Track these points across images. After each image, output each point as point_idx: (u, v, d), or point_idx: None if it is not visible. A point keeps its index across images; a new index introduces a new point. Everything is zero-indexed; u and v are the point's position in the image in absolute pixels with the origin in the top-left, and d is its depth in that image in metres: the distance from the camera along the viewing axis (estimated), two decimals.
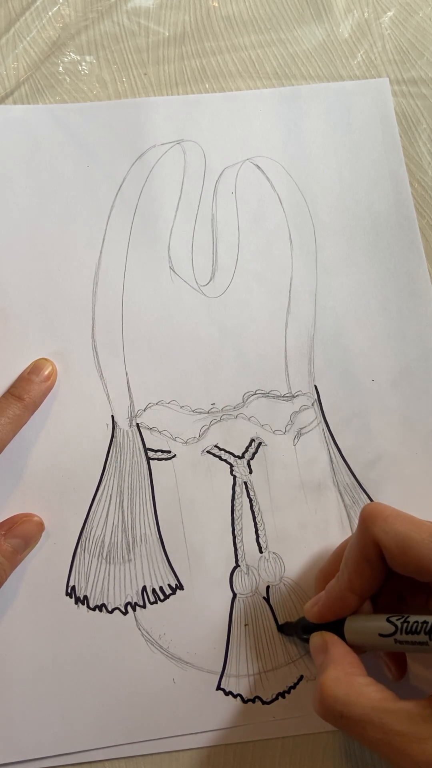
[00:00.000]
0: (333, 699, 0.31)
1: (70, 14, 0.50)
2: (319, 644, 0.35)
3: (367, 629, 0.34)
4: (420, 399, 0.44)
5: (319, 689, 0.32)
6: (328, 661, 0.34)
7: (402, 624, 0.33)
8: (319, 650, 0.35)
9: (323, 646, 0.35)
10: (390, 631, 0.33)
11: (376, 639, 0.34)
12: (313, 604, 0.37)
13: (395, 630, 0.33)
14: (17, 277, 0.44)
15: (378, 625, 0.34)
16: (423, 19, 0.51)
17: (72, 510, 0.41)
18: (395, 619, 0.33)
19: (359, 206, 0.46)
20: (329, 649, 0.34)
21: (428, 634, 0.32)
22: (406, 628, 0.33)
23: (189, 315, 0.44)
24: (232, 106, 0.48)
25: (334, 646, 0.35)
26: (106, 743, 0.38)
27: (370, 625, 0.34)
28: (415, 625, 0.32)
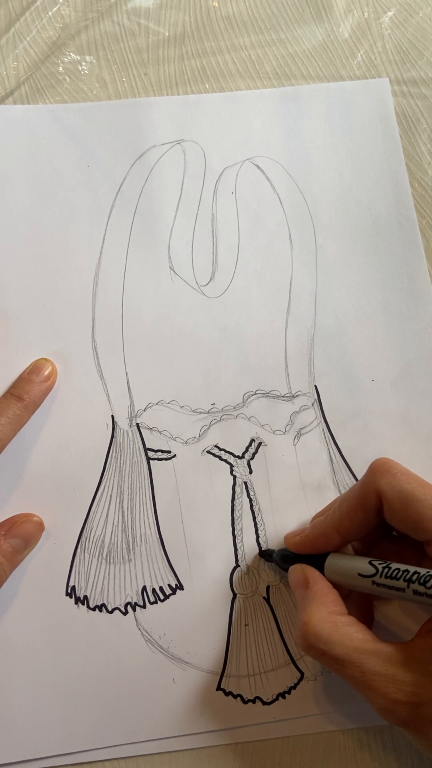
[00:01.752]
0: (316, 637, 0.33)
1: (70, 14, 0.50)
2: (300, 578, 0.37)
3: (347, 568, 0.36)
4: (420, 399, 0.44)
5: (303, 626, 0.34)
6: (311, 597, 0.35)
7: (384, 568, 0.34)
8: (299, 584, 0.37)
9: (304, 580, 0.36)
10: (370, 572, 0.35)
11: (355, 578, 0.35)
12: (295, 534, 0.39)
13: (375, 572, 0.35)
14: (17, 277, 0.44)
15: (360, 565, 0.35)
16: (423, 19, 0.51)
17: (72, 510, 0.41)
18: (377, 563, 0.35)
19: (359, 206, 0.46)
20: (312, 585, 0.36)
21: (407, 581, 0.33)
22: (387, 573, 0.34)
23: (189, 315, 0.44)
24: (232, 106, 0.48)
25: (316, 582, 0.36)
26: (106, 743, 0.38)
27: (352, 564, 0.36)
28: (395, 572, 0.34)
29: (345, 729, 0.39)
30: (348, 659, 0.32)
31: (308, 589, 0.36)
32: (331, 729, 0.39)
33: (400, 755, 0.38)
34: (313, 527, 0.38)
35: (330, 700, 0.39)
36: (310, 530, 0.38)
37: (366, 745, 0.38)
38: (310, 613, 0.34)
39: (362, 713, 0.39)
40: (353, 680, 0.32)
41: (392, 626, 0.40)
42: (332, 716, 0.39)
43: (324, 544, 0.37)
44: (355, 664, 0.32)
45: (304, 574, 0.37)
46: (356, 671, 0.32)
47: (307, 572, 0.37)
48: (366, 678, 0.32)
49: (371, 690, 0.32)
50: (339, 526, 0.37)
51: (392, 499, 0.35)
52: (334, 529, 0.37)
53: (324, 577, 0.36)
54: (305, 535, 0.38)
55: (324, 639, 0.33)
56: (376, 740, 0.39)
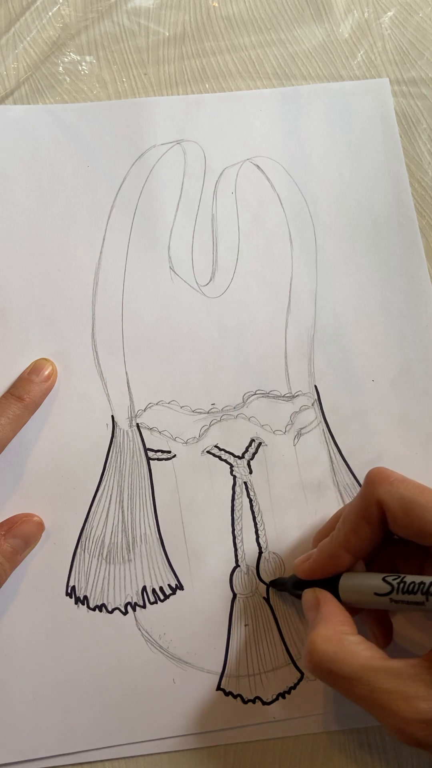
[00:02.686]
0: (321, 656, 0.32)
1: (70, 14, 0.50)
2: (311, 601, 0.36)
3: (362, 587, 0.35)
4: (420, 399, 0.44)
5: (308, 645, 0.33)
6: (319, 618, 0.34)
7: (398, 584, 0.34)
8: (311, 606, 0.36)
9: (315, 603, 0.35)
10: (386, 590, 0.34)
11: (372, 597, 0.34)
12: (303, 561, 0.37)
13: (391, 589, 0.34)
14: (17, 277, 0.44)
15: (374, 583, 0.34)
16: (423, 19, 0.51)
17: (72, 510, 0.41)
18: (391, 579, 0.34)
19: (359, 206, 0.46)
20: (321, 607, 0.35)
21: (425, 594, 0.32)
22: (403, 588, 0.33)
23: (189, 315, 0.44)
24: (232, 106, 0.48)
25: (326, 603, 0.35)
26: (106, 743, 0.38)
27: (366, 584, 0.35)
28: (411, 586, 0.33)
29: (345, 729, 0.39)
30: (355, 677, 0.31)
31: (317, 610, 0.35)
32: (331, 729, 0.39)
33: (401, 755, 0.38)
34: (321, 551, 0.37)
35: (330, 700, 0.39)
36: (317, 554, 0.37)
37: (366, 745, 0.38)
38: (316, 632, 0.33)
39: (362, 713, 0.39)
40: (362, 700, 0.31)
41: (405, 643, 0.39)
42: (332, 716, 0.39)
43: (334, 565, 0.36)
44: (363, 682, 0.31)
45: (316, 596, 0.36)
46: (364, 689, 0.30)
47: (319, 595, 0.36)
48: (375, 696, 0.30)
49: (381, 709, 0.30)
50: (347, 544, 0.36)
51: (394, 507, 0.34)
52: (342, 548, 0.36)
53: (334, 598, 0.35)
54: (314, 560, 0.37)
55: (330, 657, 0.32)
56: (376, 740, 0.39)
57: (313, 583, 0.37)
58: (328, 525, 0.40)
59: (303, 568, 0.37)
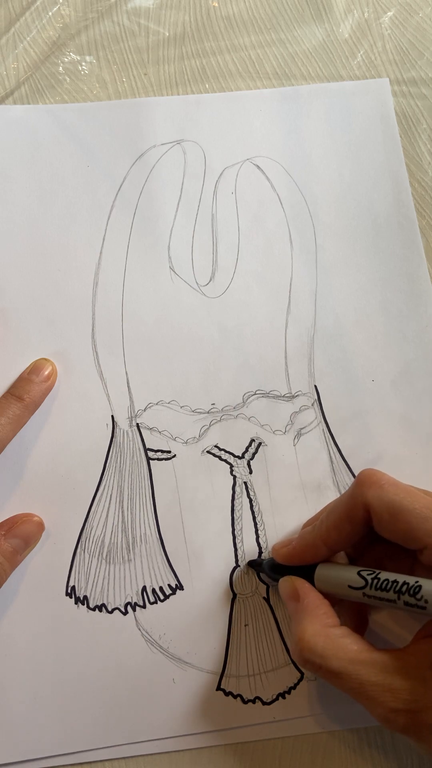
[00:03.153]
0: (311, 652, 0.33)
1: (70, 14, 0.50)
2: (290, 590, 0.37)
3: (337, 579, 0.36)
4: (420, 399, 0.44)
5: (297, 641, 0.34)
6: (303, 611, 0.35)
7: (372, 580, 0.34)
8: (290, 596, 0.36)
9: (294, 593, 0.36)
10: (360, 584, 0.34)
11: (345, 590, 0.35)
12: (282, 546, 0.38)
13: (365, 584, 0.34)
14: (17, 277, 0.44)
15: (349, 576, 0.35)
16: (423, 19, 0.51)
17: (72, 510, 0.41)
18: (366, 574, 0.35)
19: (359, 206, 0.46)
20: (302, 598, 0.36)
21: (397, 593, 0.33)
22: (376, 585, 0.34)
23: (189, 315, 0.44)
24: (232, 106, 0.48)
25: (307, 594, 0.36)
26: (106, 743, 0.38)
27: (341, 575, 0.35)
28: (385, 583, 0.34)
29: (345, 729, 0.39)
30: (344, 671, 0.32)
31: (299, 602, 0.36)
32: (331, 729, 0.39)
33: (400, 755, 0.38)
34: (300, 538, 0.37)
35: (330, 700, 0.39)
36: (297, 541, 0.38)
37: (366, 745, 0.38)
38: (303, 627, 0.34)
39: (362, 713, 0.39)
40: (351, 691, 0.32)
41: (386, 634, 0.39)
42: (332, 716, 0.39)
43: (312, 555, 0.37)
44: (352, 676, 0.32)
45: (294, 586, 0.36)
46: (354, 683, 0.32)
47: (297, 584, 0.36)
48: (364, 689, 0.32)
49: (370, 700, 0.32)
50: (326, 537, 0.36)
51: (381, 511, 0.34)
52: (321, 540, 0.36)
53: (313, 588, 0.36)
54: (293, 546, 0.38)
55: (319, 653, 0.33)
56: (376, 740, 0.39)
57: (290, 569, 0.37)
58: (317, 514, 0.40)
59: (281, 552, 0.38)
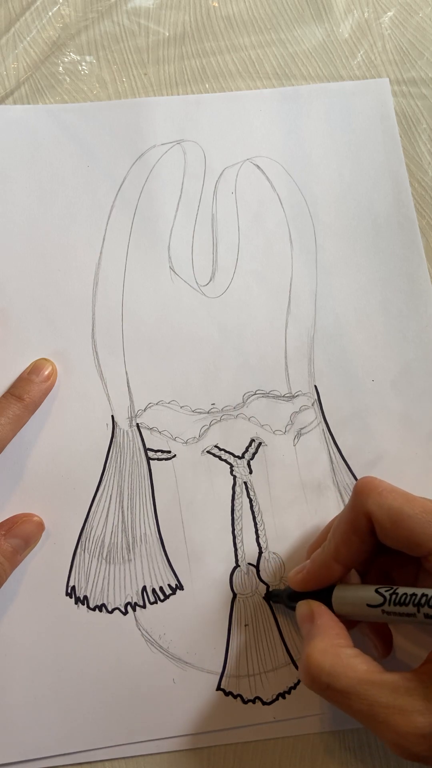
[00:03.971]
0: (319, 670, 0.32)
1: (70, 14, 0.50)
2: (306, 613, 0.36)
3: (355, 599, 0.35)
4: (420, 399, 0.44)
5: (305, 659, 0.32)
6: (314, 631, 0.34)
7: (391, 595, 0.33)
8: (305, 619, 0.35)
9: (309, 615, 0.35)
10: (378, 601, 0.34)
11: (364, 609, 0.34)
12: (297, 572, 0.37)
13: (383, 601, 0.34)
14: (17, 277, 0.44)
15: (366, 595, 0.34)
16: (423, 19, 0.51)
17: (72, 510, 0.41)
18: (384, 590, 0.34)
19: (359, 206, 0.46)
20: (316, 619, 0.35)
21: (416, 605, 0.32)
22: (395, 600, 0.33)
23: (189, 315, 0.44)
24: (232, 106, 0.48)
25: (321, 616, 0.35)
26: (106, 743, 0.38)
27: (359, 595, 0.35)
28: (403, 597, 0.33)
29: (345, 729, 0.39)
30: (353, 691, 0.31)
31: (313, 623, 0.35)
32: (331, 729, 0.39)
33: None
34: (313, 561, 0.37)
35: None
36: (310, 566, 0.37)
37: (366, 745, 0.38)
38: (312, 645, 0.33)
39: None
40: (360, 714, 0.31)
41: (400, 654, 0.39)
42: (332, 716, 0.39)
43: (327, 576, 0.36)
44: (361, 697, 0.30)
45: (310, 608, 0.36)
46: (362, 704, 0.30)
47: (313, 606, 0.36)
48: (373, 711, 0.30)
49: (380, 723, 0.30)
50: (337, 555, 0.35)
51: (382, 518, 0.34)
52: (332, 558, 0.36)
53: (329, 610, 0.35)
54: (306, 571, 0.37)
55: (327, 671, 0.31)
56: (376, 740, 0.39)
57: (308, 595, 0.37)
58: (321, 535, 0.40)
59: (296, 579, 0.37)
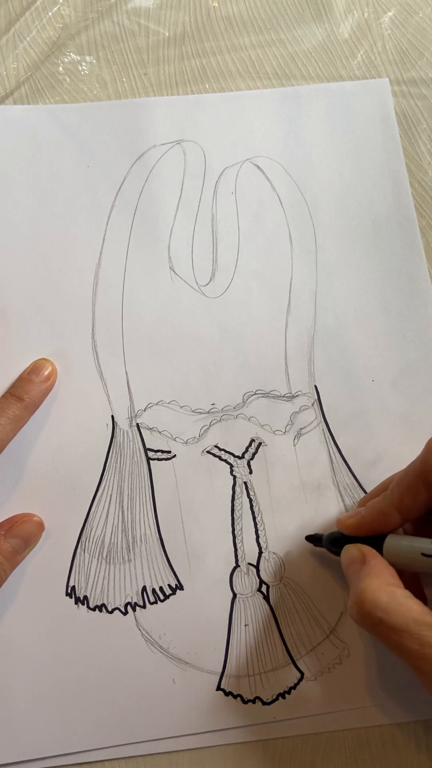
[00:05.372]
0: (374, 605, 0.32)
1: (70, 14, 0.50)
2: (356, 555, 0.36)
3: (409, 548, 0.35)
4: (420, 399, 0.44)
5: (359, 594, 0.33)
6: (367, 570, 0.34)
7: None
8: (354, 560, 0.36)
9: (360, 557, 0.35)
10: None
11: (418, 558, 0.34)
12: (349, 517, 0.37)
13: None
14: (17, 277, 0.44)
15: (421, 545, 0.35)
16: (423, 19, 0.51)
17: (72, 510, 0.41)
18: None
19: (359, 206, 0.46)
20: (369, 560, 0.35)
21: None
22: None
23: (189, 315, 0.44)
24: (232, 106, 0.48)
25: (375, 557, 0.35)
26: (106, 743, 0.38)
27: (414, 544, 0.35)
28: None
29: (345, 729, 0.39)
30: (407, 629, 0.31)
31: (365, 564, 0.35)
32: (331, 729, 0.39)
33: (401, 755, 0.38)
34: (370, 508, 0.37)
35: (330, 700, 0.39)
36: (367, 510, 0.37)
37: (366, 744, 0.38)
38: (367, 582, 0.33)
39: (362, 713, 0.39)
40: (409, 652, 0.31)
41: None
42: (332, 716, 0.39)
43: (383, 523, 0.36)
44: (414, 635, 0.31)
45: (361, 551, 0.36)
46: (414, 643, 0.31)
47: (364, 550, 0.36)
48: (424, 650, 0.31)
49: (428, 663, 0.31)
50: (400, 504, 0.36)
51: None
52: (394, 508, 0.36)
53: (380, 555, 0.35)
54: (362, 516, 0.37)
55: (383, 607, 0.32)
56: (376, 740, 0.39)
57: (355, 540, 0.37)
58: (377, 490, 0.40)
59: (348, 523, 0.37)
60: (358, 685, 0.39)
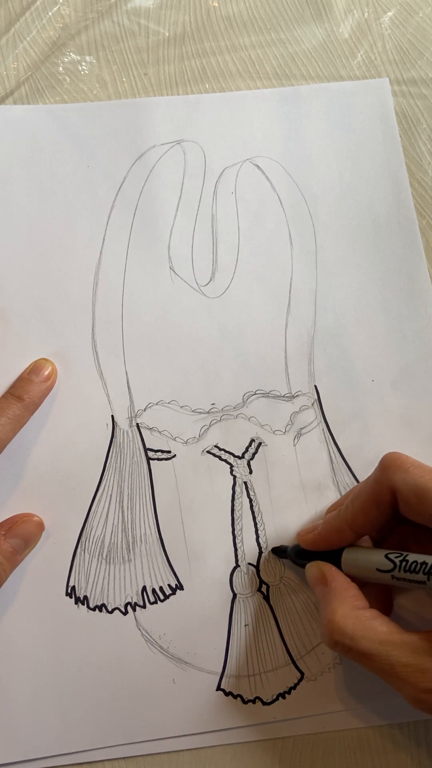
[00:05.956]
0: (341, 633, 0.33)
1: (70, 14, 0.50)
2: (317, 575, 0.37)
3: (365, 563, 0.36)
4: (420, 399, 0.44)
5: (326, 624, 0.34)
6: (332, 594, 0.35)
7: (401, 562, 0.34)
8: (317, 581, 0.37)
9: (321, 577, 0.36)
10: (388, 567, 0.35)
11: (374, 573, 0.35)
12: (307, 532, 0.38)
13: (393, 567, 0.34)
14: (17, 277, 0.44)
15: (376, 559, 0.35)
16: (423, 19, 0.51)
17: (72, 510, 0.41)
18: (394, 556, 0.35)
19: (359, 206, 0.46)
20: (330, 582, 0.36)
21: (427, 574, 0.33)
22: (405, 567, 0.34)
23: (189, 315, 0.44)
24: (232, 106, 0.48)
25: (335, 578, 0.36)
26: (106, 743, 0.38)
27: (369, 559, 0.36)
28: (414, 565, 0.34)
29: (345, 729, 0.39)
30: (375, 652, 0.32)
31: (327, 585, 0.36)
32: (331, 729, 0.39)
33: (400, 755, 0.38)
34: (326, 523, 0.38)
35: (330, 700, 0.39)
36: (323, 527, 0.38)
37: (366, 744, 0.38)
38: (333, 609, 0.34)
39: (362, 713, 0.39)
40: (382, 673, 0.32)
41: (409, 616, 0.40)
42: (331, 716, 0.39)
43: (338, 540, 0.37)
44: (383, 657, 0.32)
45: (321, 570, 0.37)
46: (384, 664, 0.32)
47: (324, 569, 0.37)
48: (394, 670, 0.32)
49: (401, 681, 0.32)
50: (352, 522, 0.36)
51: (407, 494, 0.34)
52: (347, 525, 0.37)
53: (340, 572, 0.36)
54: (318, 532, 0.38)
55: (349, 635, 0.33)
56: (376, 740, 0.39)
57: (316, 554, 0.38)
58: (341, 499, 0.40)
59: (307, 539, 0.38)
60: (357, 686, 0.39)
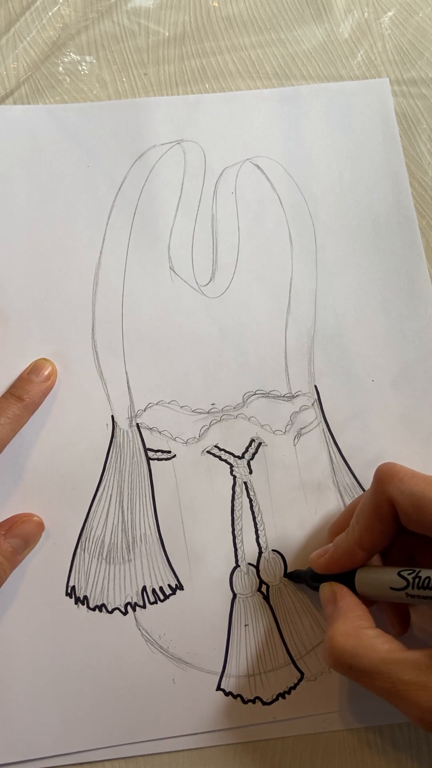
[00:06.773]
0: (341, 652, 0.32)
1: (70, 14, 0.50)
2: (328, 596, 0.36)
3: (378, 582, 0.35)
4: (420, 399, 0.44)
5: (328, 642, 0.33)
6: (336, 614, 0.35)
7: (414, 579, 0.34)
8: (328, 601, 0.36)
9: (332, 598, 0.36)
10: (401, 585, 0.34)
11: (387, 592, 0.35)
12: (319, 556, 0.38)
13: (407, 584, 0.34)
14: (17, 277, 0.44)
15: (389, 578, 0.35)
16: (423, 19, 0.51)
17: (72, 510, 0.41)
18: (407, 574, 0.34)
19: (359, 206, 0.46)
20: (338, 601, 0.35)
21: None
22: (418, 583, 0.34)
23: (189, 315, 0.44)
24: (232, 106, 0.48)
25: (343, 597, 0.36)
26: (106, 743, 0.38)
27: (382, 578, 0.35)
28: (427, 581, 0.33)
29: (345, 729, 0.39)
30: (376, 671, 0.31)
31: (335, 605, 0.35)
32: (332, 729, 0.39)
33: (400, 755, 0.38)
34: (336, 547, 0.37)
35: (330, 700, 0.39)
36: (333, 550, 0.37)
37: (366, 744, 0.38)
38: (334, 628, 0.34)
39: (362, 713, 0.39)
40: (384, 692, 0.31)
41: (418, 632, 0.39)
42: (332, 716, 0.39)
43: (350, 561, 0.36)
44: (384, 675, 0.31)
45: (333, 591, 0.36)
46: (385, 682, 0.31)
47: (336, 589, 0.36)
48: (396, 688, 0.31)
49: (403, 700, 0.31)
50: (360, 542, 0.36)
51: (405, 504, 0.34)
52: (356, 545, 0.36)
53: (351, 592, 0.36)
54: (329, 556, 0.37)
55: (349, 653, 0.32)
56: (376, 740, 0.39)
57: (330, 577, 0.37)
58: (342, 517, 0.40)
59: (319, 563, 0.38)
60: (358, 686, 0.39)
